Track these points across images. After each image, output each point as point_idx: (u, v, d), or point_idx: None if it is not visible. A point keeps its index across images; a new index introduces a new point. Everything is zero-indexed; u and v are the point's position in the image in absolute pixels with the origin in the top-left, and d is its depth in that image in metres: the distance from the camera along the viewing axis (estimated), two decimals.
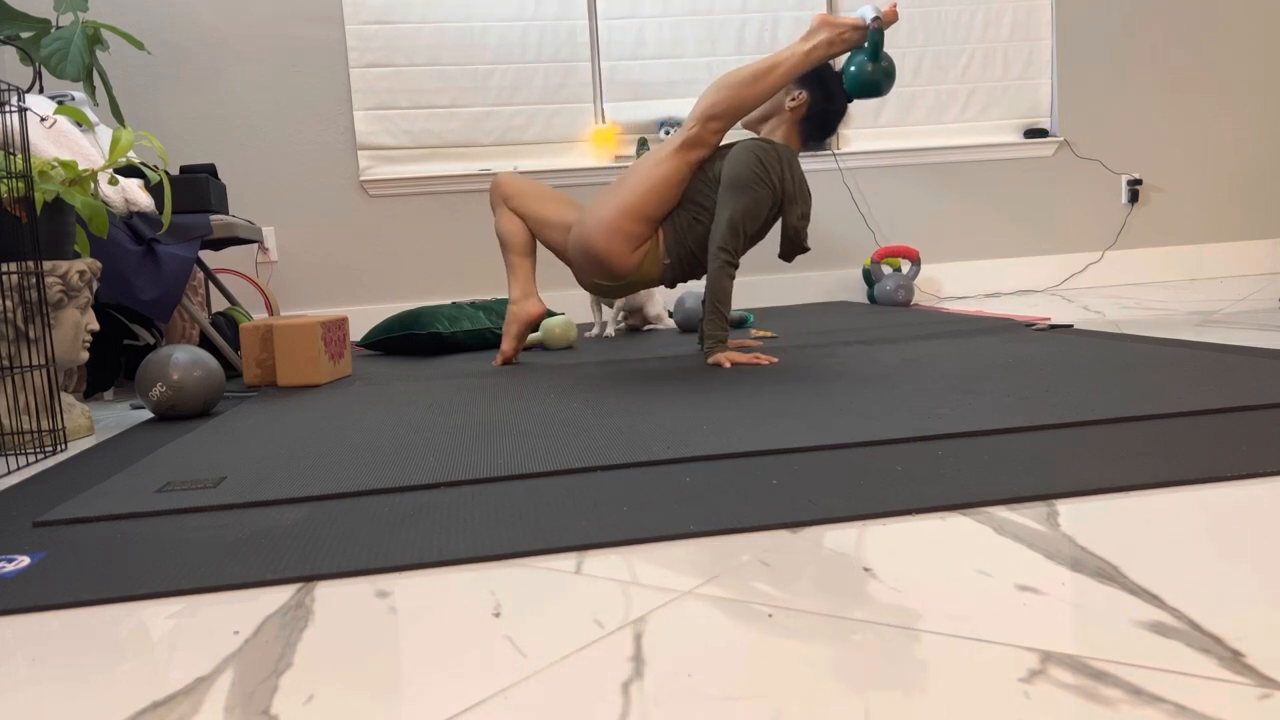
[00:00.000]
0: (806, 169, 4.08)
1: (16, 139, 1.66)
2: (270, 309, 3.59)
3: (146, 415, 2.05)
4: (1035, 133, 4.21)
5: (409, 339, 2.95)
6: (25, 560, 0.98)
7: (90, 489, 1.29)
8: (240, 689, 0.67)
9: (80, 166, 2.10)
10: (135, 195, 2.35)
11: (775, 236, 4.10)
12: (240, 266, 3.76)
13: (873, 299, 3.94)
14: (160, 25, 3.67)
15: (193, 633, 0.78)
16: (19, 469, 1.53)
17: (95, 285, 1.87)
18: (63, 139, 2.27)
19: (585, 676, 0.65)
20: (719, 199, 2.19)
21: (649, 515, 1.01)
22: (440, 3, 3.84)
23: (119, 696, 0.67)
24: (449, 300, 3.93)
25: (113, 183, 2.28)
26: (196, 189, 2.55)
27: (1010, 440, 1.25)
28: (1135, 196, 4.28)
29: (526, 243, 2.46)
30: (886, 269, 3.95)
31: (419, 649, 0.72)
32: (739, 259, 2.18)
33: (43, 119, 2.24)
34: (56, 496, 1.28)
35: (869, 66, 2.22)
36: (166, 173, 2.12)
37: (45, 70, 2.90)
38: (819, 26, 2.22)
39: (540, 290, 3.98)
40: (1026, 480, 1.05)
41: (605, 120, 4.00)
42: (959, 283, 4.22)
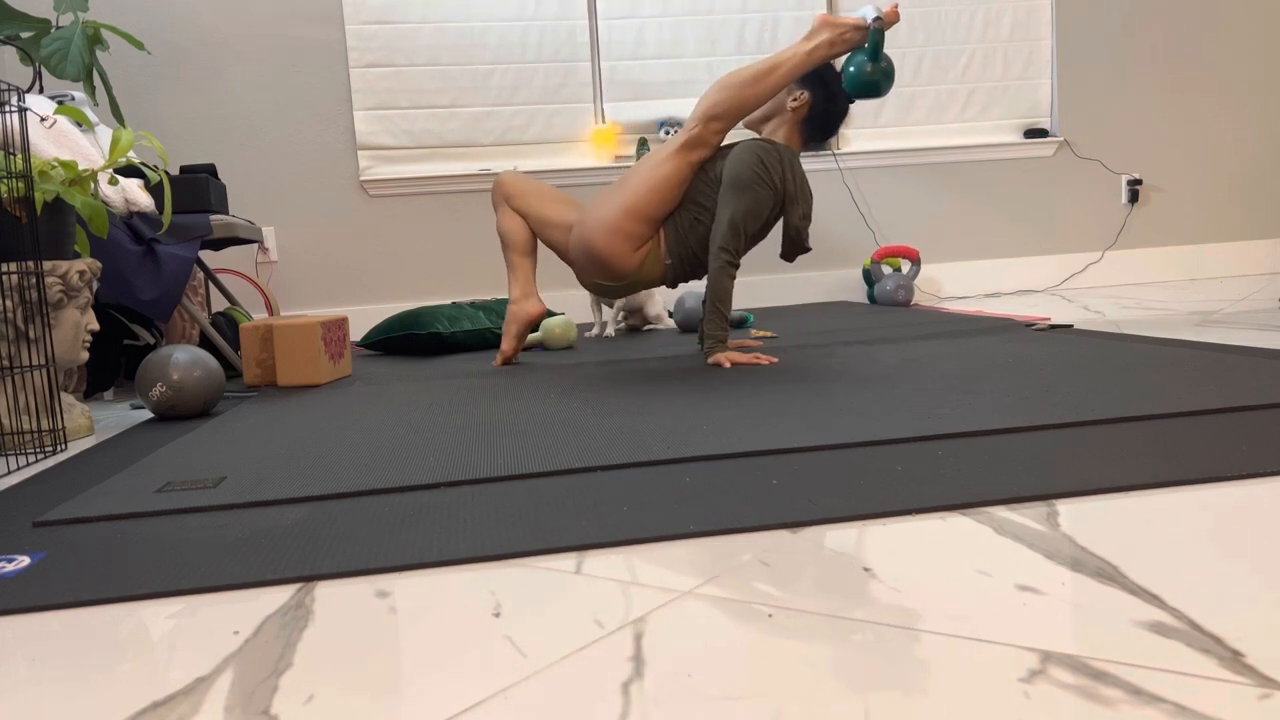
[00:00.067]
0: (807, 169, 4.08)
1: (16, 139, 1.66)
2: (270, 309, 3.59)
3: (146, 415, 2.05)
4: (1035, 133, 4.21)
5: (409, 339, 2.95)
6: (25, 560, 0.98)
7: (90, 489, 1.29)
8: (240, 689, 0.67)
9: (80, 166, 2.10)
10: (135, 195, 2.35)
11: (776, 237, 4.10)
12: (240, 266, 3.76)
13: (873, 299, 3.94)
14: (160, 25, 3.67)
15: (193, 633, 0.78)
16: (19, 469, 1.53)
17: (95, 285, 1.87)
18: (63, 139, 2.27)
19: (585, 676, 0.65)
20: (720, 199, 2.19)
21: (649, 515, 1.01)
22: (440, 3, 3.84)
23: (119, 696, 0.67)
24: (449, 300, 3.93)
25: (113, 183, 2.28)
26: (196, 189, 2.55)
27: (1010, 440, 1.25)
28: (1135, 196, 4.28)
29: (527, 242, 2.46)
30: (886, 269, 3.95)
31: (419, 649, 0.72)
32: (740, 259, 2.18)
33: (43, 119, 2.24)
34: (56, 496, 1.28)
35: (868, 67, 2.21)
36: (166, 173, 2.12)
37: (45, 70, 2.90)
38: (820, 26, 2.22)
39: (540, 290, 3.98)
40: (1026, 480, 1.05)
41: (605, 120, 4.00)
42: (959, 283, 4.22)
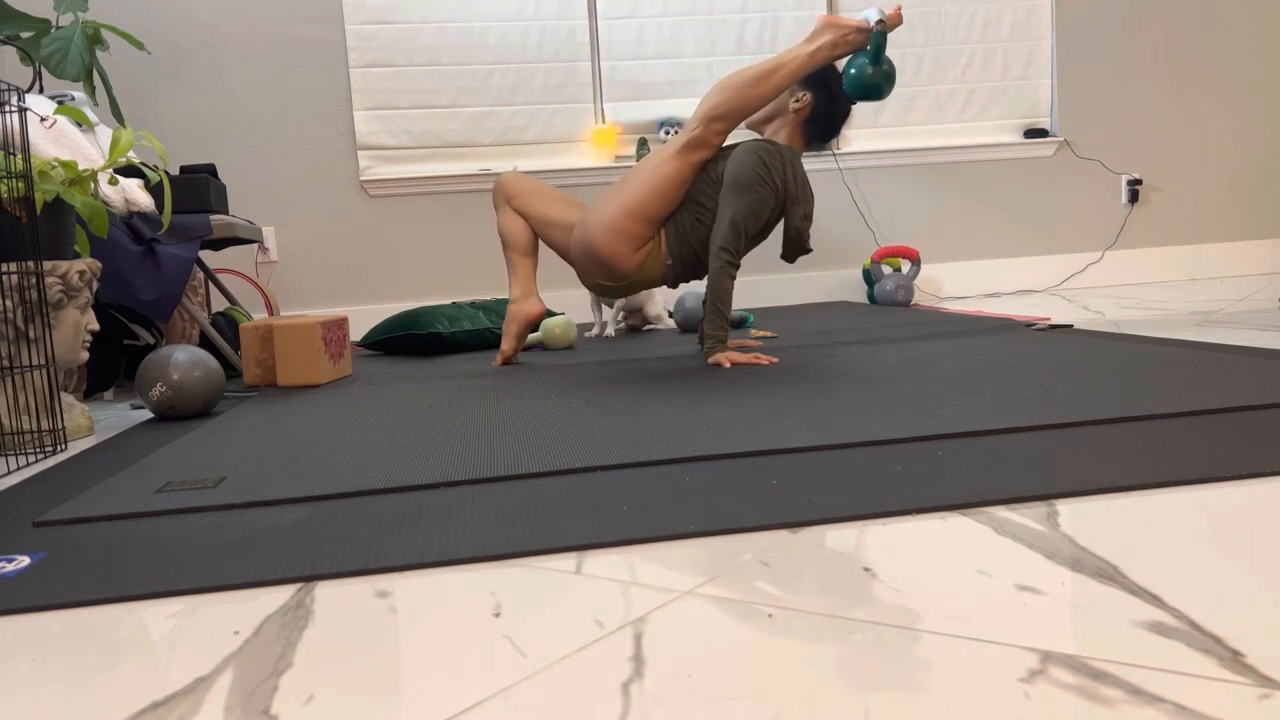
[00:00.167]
0: (807, 169, 4.07)
1: (16, 139, 1.66)
2: (270, 309, 3.59)
3: (146, 415, 2.05)
4: (1035, 133, 4.21)
5: (409, 339, 2.95)
6: (25, 560, 0.98)
7: (90, 489, 1.29)
8: (240, 689, 0.67)
9: (80, 166, 2.10)
10: (135, 195, 2.35)
11: (777, 237, 4.10)
12: (240, 266, 3.76)
13: (873, 299, 3.94)
14: (160, 25, 3.67)
15: (193, 633, 0.78)
16: (19, 469, 1.53)
17: (95, 285, 1.87)
18: (63, 139, 2.27)
19: (585, 676, 0.65)
20: (721, 199, 2.19)
21: (649, 515, 1.01)
22: (440, 3, 3.84)
23: (119, 696, 0.67)
24: (449, 300, 3.93)
25: (113, 183, 2.28)
26: (196, 189, 2.55)
27: (1010, 440, 1.25)
28: (1135, 196, 4.28)
29: (528, 242, 2.46)
30: (886, 269, 3.95)
31: (419, 649, 0.72)
32: (740, 259, 2.18)
33: (43, 119, 2.24)
34: (56, 496, 1.28)
35: (870, 69, 2.21)
36: (166, 173, 2.11)
37: (45, 70, 2.90)
38: (823, 28, 2.21)
39: (540, 290, 3.98)
40: (1026, 480, 1.05)
41: (605, 120, 4.00)
42: (959, 283, 4.22)
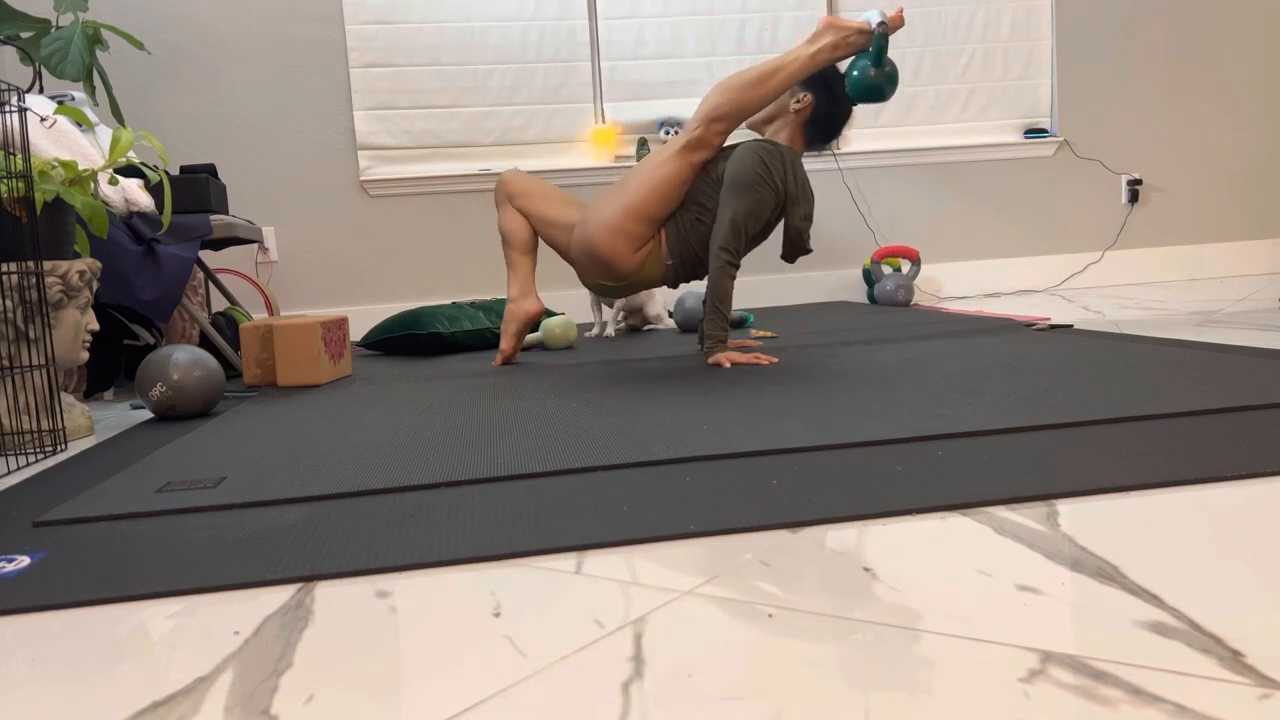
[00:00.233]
0: (807, 169, 4.07)
1: (16, 139, 1.66)
2: (270, 309, 3.59)
3: (146, 415, 2.05)
4: (1035, 133, 4.21)
5: (409, 339, 2.95)
6: (25, 560, 0.98)
7: (90, 489, 1.29)
8: (240, 689, 0.67)
9: (80, 166, 2.10)
10: (135, 195, 2.35)
11: (777, 237, 4.10)
12: (240, 266, 3.76)
13: (873, 299, 3.94)
14: (160, 25, 3.67)
15: (193, 633, 0.78)
16: (19, 469, 1.53)
17: (95, 285, 1.87)
18: (63, 139, 2.27)
19: (585, 676, 0.65)
20: (721, 199, 2.19)
21: (649, 515, 1.01)
22: (440, 3, 3.84)
23: (119, 696, 0.67)
24: (449, 300, 3.92)
25: (113, 183, 2.28)
26: (196, 189, 2.55)
27: (1010, 440, 1.25)
28: (1135, 196, 4.28)
29: (528, 240, 2.46)
30: (886, 269, 3.95)
31: (419, 649, 0.72)
32: (740, 259, 2.18)
33: (43, 119, 2.24)
34: (56, 496, 1.28)
35: (872, 71, 2.21)
36: (166, 173, 2.11)
37: (45, 70, 2.90)
38: (824, 29, 2.21)
39: (540, 290, 3.98)
40: (1026, 480, 1.05)
41: (605, 120, 4.00)
42: (959, 283, 4.22)
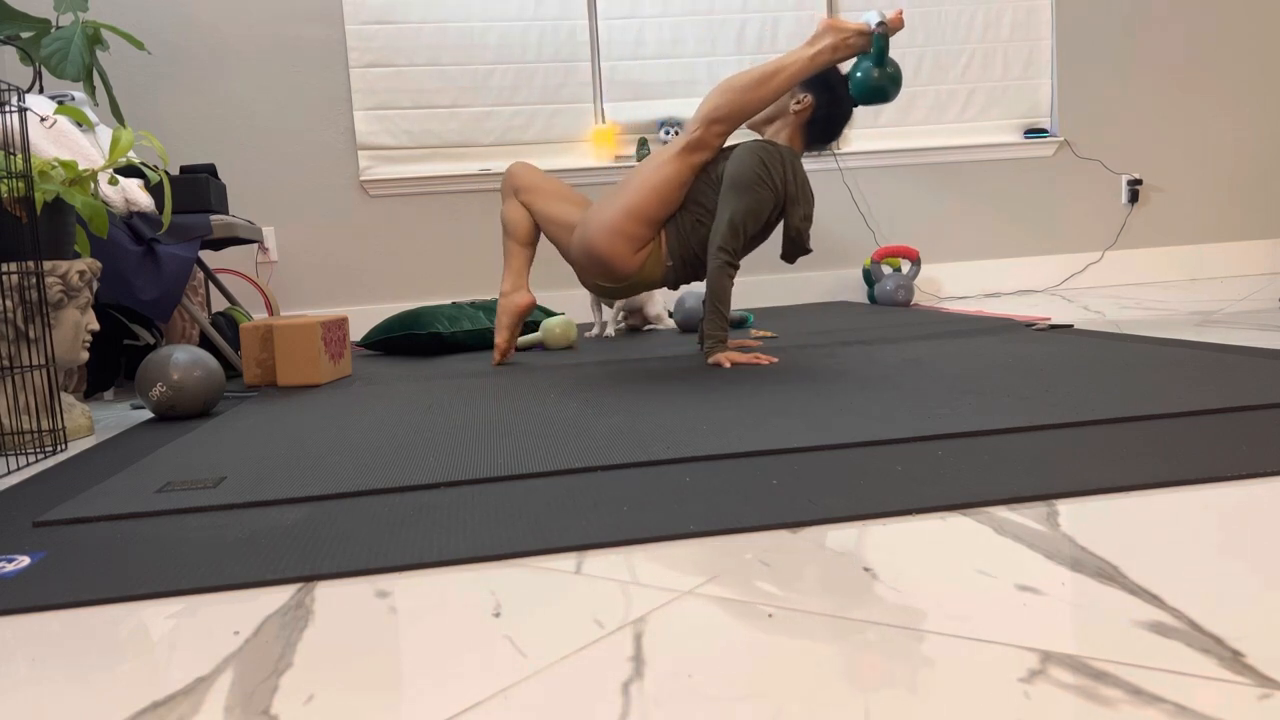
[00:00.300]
0: (807, 169, 4.07)
1: (16, 139, 1.66)
2: (270, 309, 3.59)
3: (146, 415, 2.05)
4: (1035, 133, 4.21)
5: (409, 339, 2.95)
6: (25, 560, 0.98)
7: (90, 489, 1.29)
8: (240, 689, 0.67)
9: (80, 166, 2.10)
10: (135, 195, 2.35)
11: (777, 237, 4.10)
12: (240, 266, 3.76)
13: (873, 299, 3.94)
14: (160, 25, 3.67)
15: (193, 633, 0.78)
16: (19, 469, 1.53)
17: (95, 285, 1.87)
18: (63, 139, 2.27)
19: (585, 676, 0.65)
20: (720, 199, 2.19)
21: (649, 515, 1.01)
22: (440, 3, 3.84)
23: (119, 696, 0.67)
24: (449, 300, 3.92)
25: (113, 183, 2.28)
26: (196, 189, 2.55)
27: (1010, 440, 1.25)
28: (1135, 196, 4.28)
29: (528, 233, 2.46)
30: (886, 269, 3.95)
31: (419, 649, 0.72)
32: (739, 259, 2.17)
33: (43, 119, 2.24)
34: (56, 496, 1.28)
35: (875, 72, 2.21)
36: (166, 173, 2.11)
37: (45, 70, 2.90)
38: (824, 31, 2.21)
39: (541, 290, 3.98)
40: (1026, 480, 1.05)
41: (605, 120, 4.00)
42: (959, 283, 4.22)
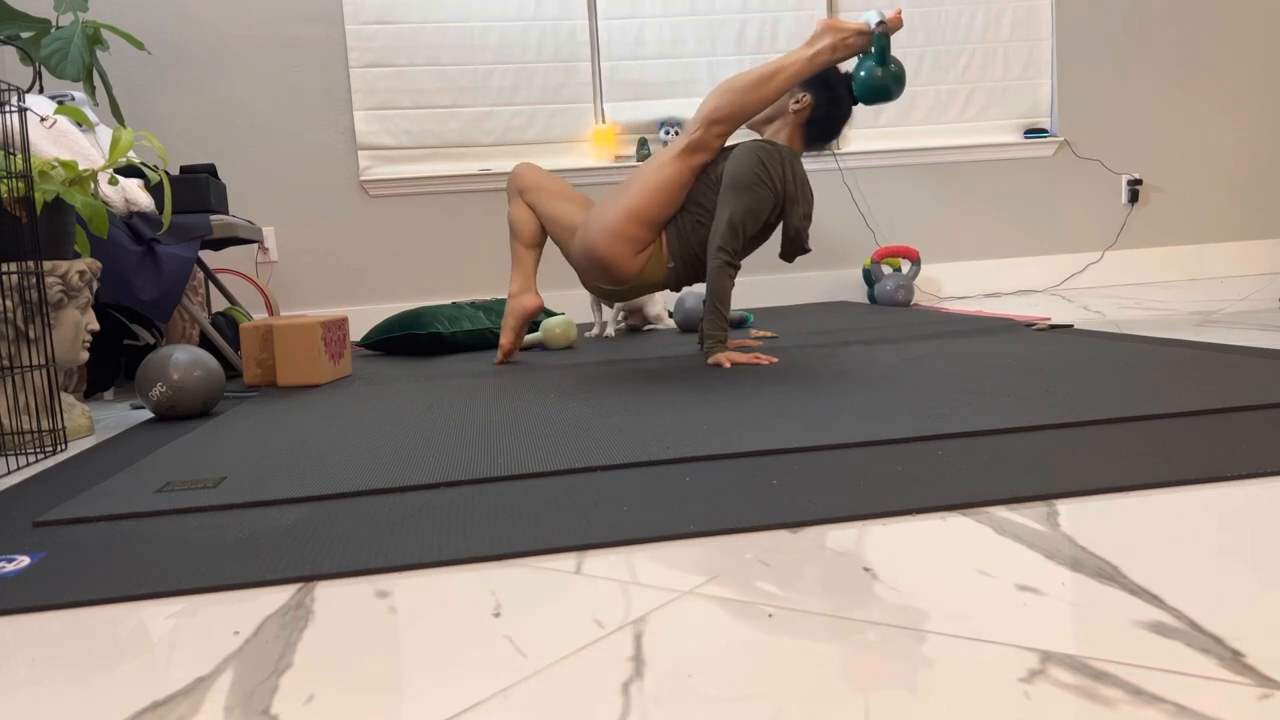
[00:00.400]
0: (806, 169, 4.07)
1: (16, 139, 1.66)
2: (270, 309, 3.59)
3: (146, 415, 2.05)
4: (1035, 133, 4.21)
5: (409, 339, 2.95)
6: (25, 560, 0.98)
7: (90, 489, 1.29)
8: (240, 689, 0.67)
9: (80, 166, 2.10)
10: (135, 195, 2.35)
11: (776, 237, 4.10)
12: (240, 266, 3.76)
13: (873, 299, 3.94)
14: (160, 25, 3.67)
15: (193, 633, 0.78)
16: (19, 469, 1.53)
17: (95, 285, 1.87)
18: (63, 139, 2.27)
19: (585, 676, 0.65)
20: (720, 199, 2.19)
21: (649, 515, 1.01)
22: (440, 3, 3.84)
23: (119, 696, 0.67)
24: (449, 300, 3.92)
25: (113, 183, 2.28)
26: (196, 189, 2.55)
27: (1010, 440, 1.25)
28: (1135, 196, 4.28)
29: (534, 234, 2.46)
30: (886, 269, 3.95)
31: (419, 649, 0.72)
32: (739, 260, 2.17)
33: (43, 119, 2.24)
34: (56, 496, 1.28)
35: (878, 71, 2.21)
36: (166, 173, 2.11)
37: (45, 70, 2.90)
38: (823, 31, 2.21)
39: (542, 290, 3.98)
40: (1026, 480, 1.05)
41: (605, 120, 4.00)
42: (959, 283, 4.22)
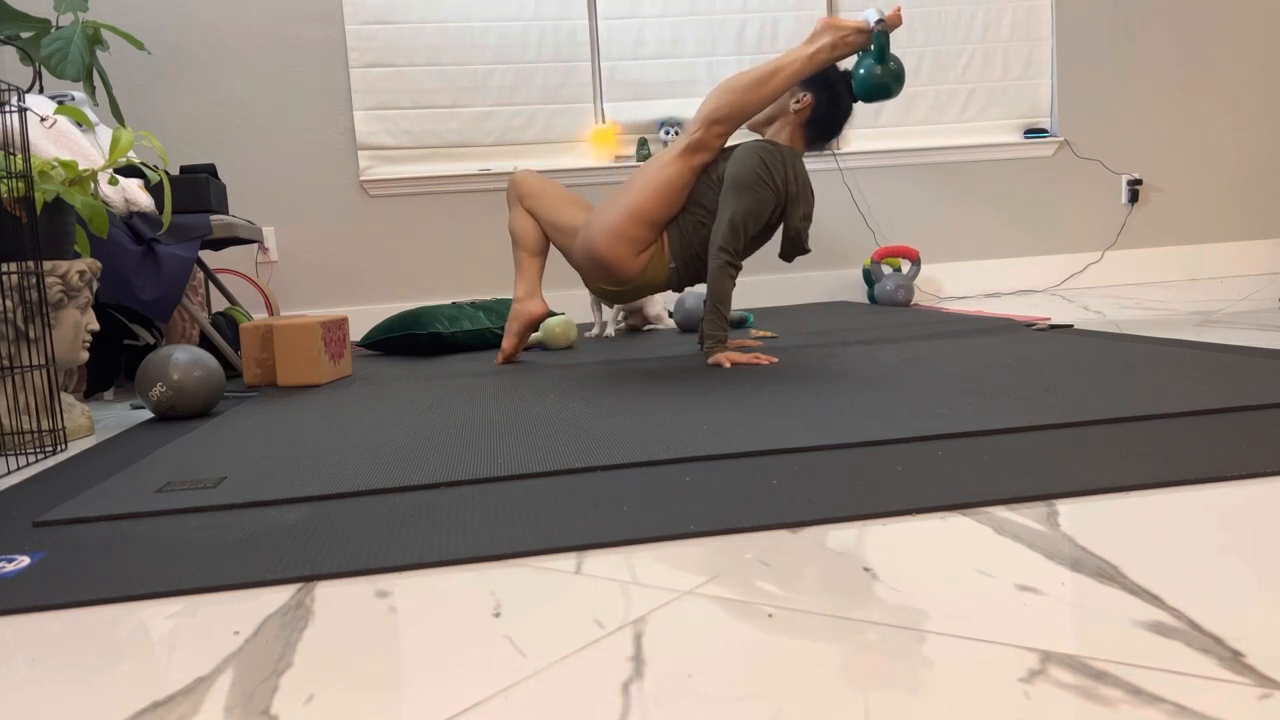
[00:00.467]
0: (806, 169, 4.07)
1: (16, 139, 1.66)
2: (270, 309, 3.59)
3: (146, 415, 2.05)
4: (1035, 133, 4.21)
5: (409, 339, 2.95)
6: (25, 560, 0.98)
7: (90, 489, 1.29)
8: (240, 689, 0.67)
9: (80, 166, 2.10)
10: (135, 195, 2.35)
11: (776, 237, 4.09)
12: (240, 266, 3.76)
13: (873, 299, 3.94)
14: (160, 25, 3.67)
15: (193, 633, 0.78)
16: (19, 469, 1.53)
17: (95, 285, 1.87)
18: (63, 139, 2.27)
19: (585, 676, 0.65)
20: (721, 199, 2.19)
21: (649, 515, 1.01)
22: (440, 3, 3.84)
23: (119, 696, 0.67)
24: (449, 300, 3.92)
25: (113, 183, 2.28)
26: (196, 189, 2.55)
27: (1010, 440, 1.25)
28: (1135, 196, 4.28)
29: (537, 242, 2.46)
30: (886, 269, 3.95)
31: (419, 649, 0.72)
32: (741, 260, 2.17)
33: (43, 119, 2.24)
34: (56, 496, 1.28)
35: (877, 69, 2.21)
36: (166, 173, 2.11)
37: (45, 70, 2.90)
38: (822, 30, 2.21)
39: (542, 289, 3.98)
40: (1026, 480, 1.05)
41: (605, 120, 4.00)
42: (959, 283, 4.21)
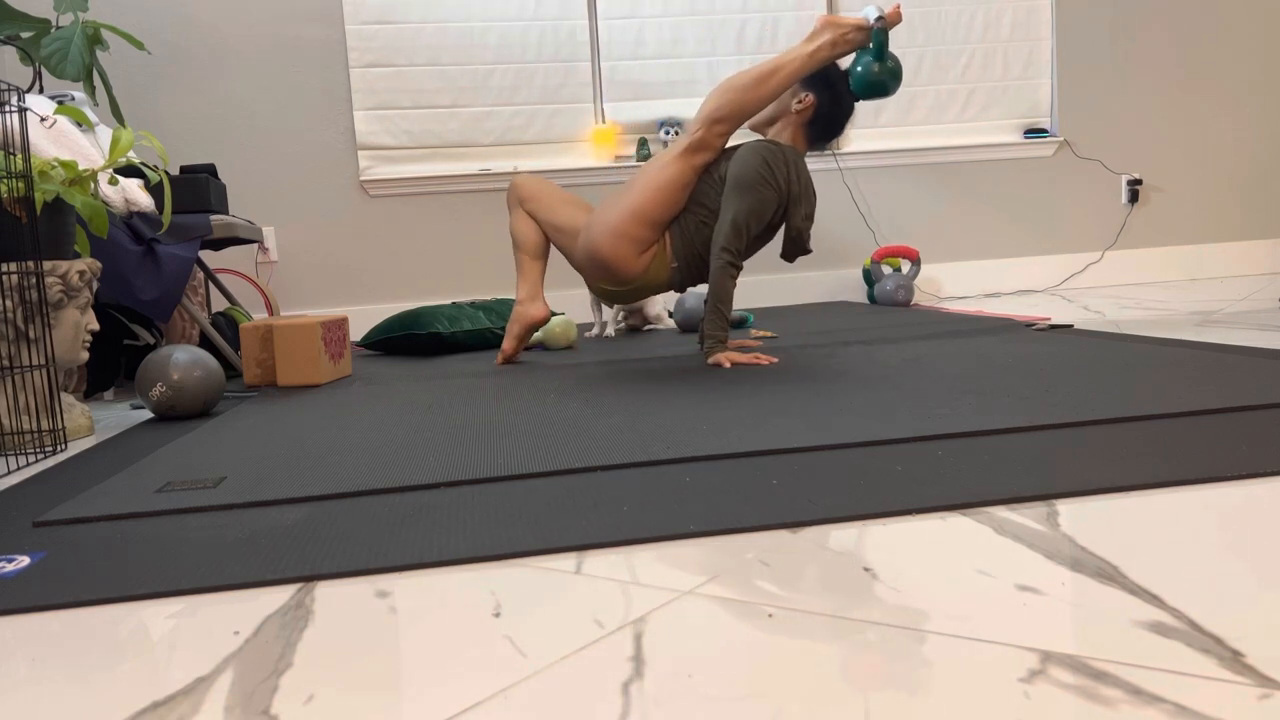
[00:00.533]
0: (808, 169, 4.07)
1: (16, 139, 1.66)
2: (270, 309, 3.59)
3: (146, 415, 2.05)
4: (1035, 133, 4.21)
5: (409, 339, 2.95)
6: (25, 560, 0.98)
7: (90, 489, 1.29)
8: (240, 689, 0.67)
9: (80, 166, 2.10)
10: (135, 195, 2.35)
11: (778, 237, 4.10)
12: (240, 266, 3.76)
13: (873, 299, 3.94)
14: (160, 25, 3.67)
15: (193, 633, 0.78)
16: (19, 469, 1.53)
17: (95, 285, 1.87)
18: (63, 139, 2.27)
19: (585, 676, 0.65)
20: (724, 199, 2.19)
21: (649, 515, 1.01)
22: (440, 3, 3.84)
23: (119, 696, 0.67)
24: (449, 300, 3.92)
25: (113, 183, 2.28)
26: (196, 189, 2.55)
27: (1010, 440, 1.25)
28: (1135, 196, 4.28)
29: (539, 244, 2.46)
30: (886, 269, 3.95)
31: (419, 649, 0.72)
32: (742, 260, 2.17)
33: (43, 119, 2.24)
34: (56, 496, 1.28)
35: (875, 67, 2.21)
36: (166, 173, 2.11)
37: (45, 70, 2.90)
38: (822, 28, 2.22)
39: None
40: (1026, 480, 1.05)
41: (605, 120, 4.00)
42: (959, 283, 4.22)
